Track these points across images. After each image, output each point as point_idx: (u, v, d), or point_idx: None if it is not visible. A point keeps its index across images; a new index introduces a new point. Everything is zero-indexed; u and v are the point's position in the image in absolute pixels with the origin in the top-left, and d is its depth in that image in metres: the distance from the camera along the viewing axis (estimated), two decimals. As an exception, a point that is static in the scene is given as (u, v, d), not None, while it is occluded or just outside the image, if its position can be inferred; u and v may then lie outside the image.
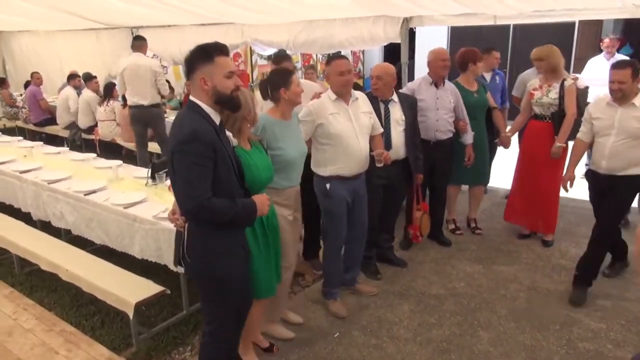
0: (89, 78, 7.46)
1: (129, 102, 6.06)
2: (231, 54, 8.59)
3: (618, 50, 6.54)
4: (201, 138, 1.91)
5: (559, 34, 7.99)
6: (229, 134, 2.30)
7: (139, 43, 6.01)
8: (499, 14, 4.77)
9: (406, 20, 5.38)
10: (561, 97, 3.97)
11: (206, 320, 2.28)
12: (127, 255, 3.32)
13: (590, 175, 3.51)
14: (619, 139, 3.23)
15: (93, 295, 3.09)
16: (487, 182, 4.76)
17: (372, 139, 3.24)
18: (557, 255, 4.14)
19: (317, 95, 3.27)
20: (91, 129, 7.25)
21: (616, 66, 3.23)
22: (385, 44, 5.81)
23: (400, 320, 3.24)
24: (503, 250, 4.24)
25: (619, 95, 3.19)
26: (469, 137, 4.19)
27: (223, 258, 2.11)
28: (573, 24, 8.62)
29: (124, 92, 6.10)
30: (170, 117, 7.19)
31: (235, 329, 2.36)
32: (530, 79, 5.31)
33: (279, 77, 2.77)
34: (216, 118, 2.06)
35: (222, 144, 2.02)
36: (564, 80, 4.03)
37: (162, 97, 6.76)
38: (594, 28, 9.66)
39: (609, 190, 3.36)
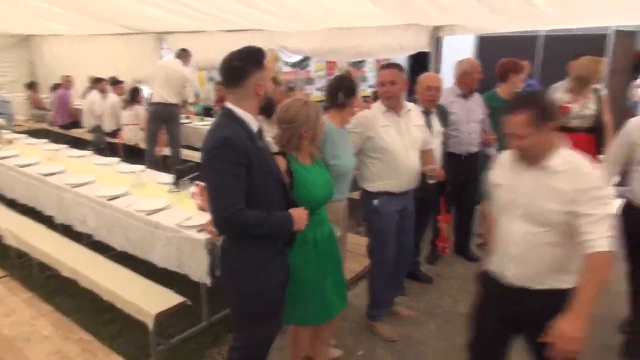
0: (115, 82, 7.52)
1: (151, 100, 6.25)
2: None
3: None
4: (233, 144, 1.85)
5: (590, 44, 7.75)
6: (269, 139, 2.22)
7: (184, 53, 6.41)
8: (534, 22, 4.62)
9: (436, 29, 5.27)
10: (598, 107, 3.86)
11: (235, 335, 2.21)
12: (147, 262, 3.26)
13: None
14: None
15: (112, 302, 3.03)
16: None
17: (421, 154, 3.07)
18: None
19: (367, 106, 3.16)
20: (115, 133, 7.29)
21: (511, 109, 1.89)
22: (414, 52, 5.69)
23: (427, 340, 3.10)
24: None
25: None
26: (493, 149, 4.06)
27: (257, 273, 2.01)
28: (605, 35, 8.38)
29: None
30: (194, 122, 7.21)
31: (264, 348, 2.23)
32: (560, 90, 5.15)
33: (353, 84, 2.70)
34: (254, 124, 1.99)
35: (259, 151, 1.94)
36: (596, 90, 3.90)
37: (187, 103, 6.83)
38: (628, 39, 9.38)
39: None
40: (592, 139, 3.90)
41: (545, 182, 1.83)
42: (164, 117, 6.20)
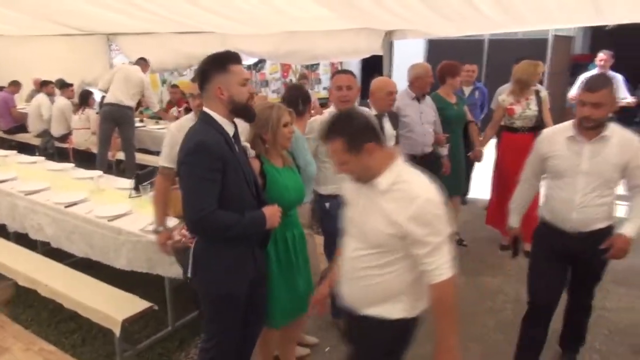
0: (63, 85, 7.27)
1: (105, 101, 6.10)
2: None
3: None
4: (208, 149, 1.88)
5: (532, 48, 8.20)
6: (245, 144, 2.26)
7: (142, 62, 6.36)
8: (480, 27, 4.87)
9: (388, 33, 5.44)
10: (539, 108, 4.13)
11: (205, 337, 2.22)
12: (106, 268, 3.21)
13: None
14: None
15: (73, 311, 2.97)
16: (466, 193, 4.81)
17: None
18: (539, 266, 4.21)
19: (320, 111, 3.24)
20: (65, 137, 7.05)
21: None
22: (368, 56, 5.85)
23: (390, 334, 3.23)
24: (487, 262, 4.28)
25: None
26: (445, 149, 4.25)
27: (228, 275, 2.05)
28: (546, 39, 8.88)
29: (106, 88, 6.16)
30: (148, 125, 7.08)
31: (233, 352, 2.24)
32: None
33: (307, 91, 2.78)
34: (230, 128, 2.02)
35: (235, 155, 1.98)
36: (537, 91, 4.16)
37: (137, 105, 6.70)
38: (566, 44, 9.99)
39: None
40: (531, 138, 4.15)
41: (374, 201, 1.75)
42: (117, 119, 6.07)
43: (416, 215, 1.66)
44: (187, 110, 7.64)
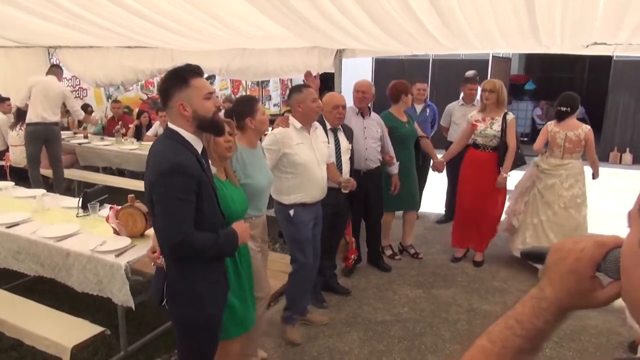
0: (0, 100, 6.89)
1: (27, 120, 5.87)
2: (158, 78, 8.27)
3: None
4: (185, 171, 1.81)
5: (474, 68, 8.57)
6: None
7: (55, 69, 6.20)
8: (428, 49, 5.05)
9: (339, 52, 5.54)
10: (503, 130, 4.23)
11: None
12: (51, 292, 3.02)
13: None
14: None
15: (15, 340, 2.78)
16: (419, 207, 4.92)
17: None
18: (489, 277, 4.36)
19: (283, 123, 3.20)
20: (1, 155, 6.65)
21: None
22: (320, 73, 5.91)
23: (351, 349, 3.23)
24: (439, 274, 4.38)
25: None
26: (394, 168, 4.31)
27: (205, 298, 2.00)
28: (487, 60, 9.32)
29: (24, 105, 5.97)
30: (93, 142, 6.81)
31: None
32: (455, 110, 5.67)
33: (245, 106, 2.73)
34: (198, 145, 1.95)
35: (206, 174, 1.93)
36: (505, 114, 4.28)
37: (78, 122, 6.50)
38: (504, 65, 10.53)
39: None
40: (495, 157, 4.27)
41: None
42: (44, 137, 5.85)
43: None
44: (137, 128, 7.44)
